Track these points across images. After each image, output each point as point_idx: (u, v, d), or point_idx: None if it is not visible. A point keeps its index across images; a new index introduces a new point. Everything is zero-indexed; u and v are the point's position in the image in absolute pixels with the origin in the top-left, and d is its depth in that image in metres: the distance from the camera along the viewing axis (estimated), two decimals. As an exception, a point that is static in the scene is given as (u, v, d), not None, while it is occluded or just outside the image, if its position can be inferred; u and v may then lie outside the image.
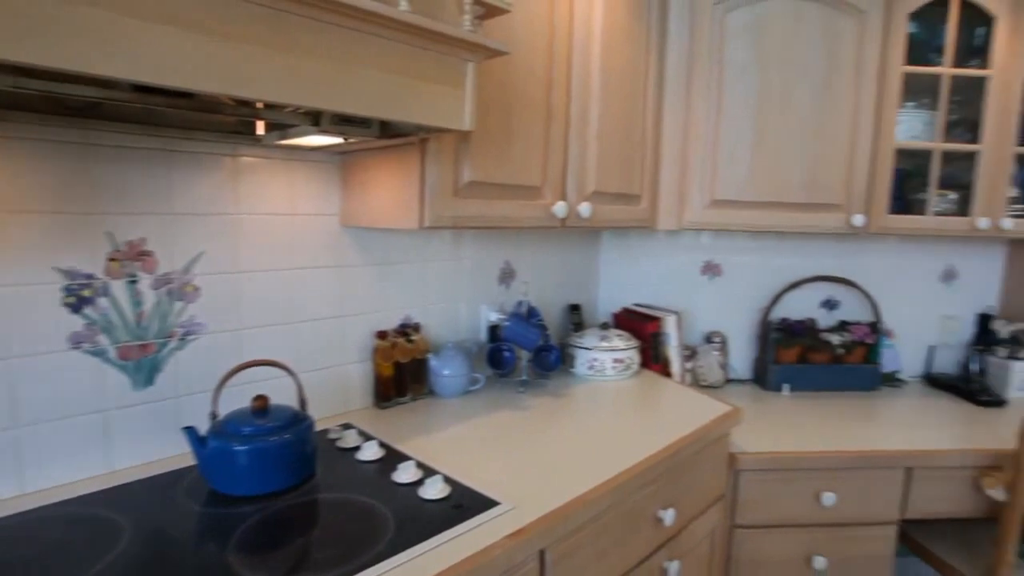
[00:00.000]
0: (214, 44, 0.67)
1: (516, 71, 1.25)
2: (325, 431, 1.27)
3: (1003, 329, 2.05)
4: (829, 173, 1.72)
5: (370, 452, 1.13)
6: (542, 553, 0.96)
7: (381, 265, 1.47)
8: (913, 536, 1.69)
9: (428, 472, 1.07)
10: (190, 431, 0.99)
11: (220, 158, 1.16)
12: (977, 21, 1.72)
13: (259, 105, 0.97)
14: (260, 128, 1.14)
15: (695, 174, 1.70)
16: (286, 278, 1.29)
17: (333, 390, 1.40)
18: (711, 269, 2.10)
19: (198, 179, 1.14)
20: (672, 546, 1.32)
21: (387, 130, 1.07)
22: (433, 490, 0.99)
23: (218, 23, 0.67)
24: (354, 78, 0.79)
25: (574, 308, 2.03)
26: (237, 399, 1.20)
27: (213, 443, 0.97)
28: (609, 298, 2.14)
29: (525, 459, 1.18)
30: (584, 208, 1.45)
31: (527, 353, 1.68)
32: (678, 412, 1.49)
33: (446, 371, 1.54)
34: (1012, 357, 1.99)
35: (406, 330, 1.53)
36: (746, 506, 1.50)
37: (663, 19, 1.64)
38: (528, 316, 1.72)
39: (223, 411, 1.09)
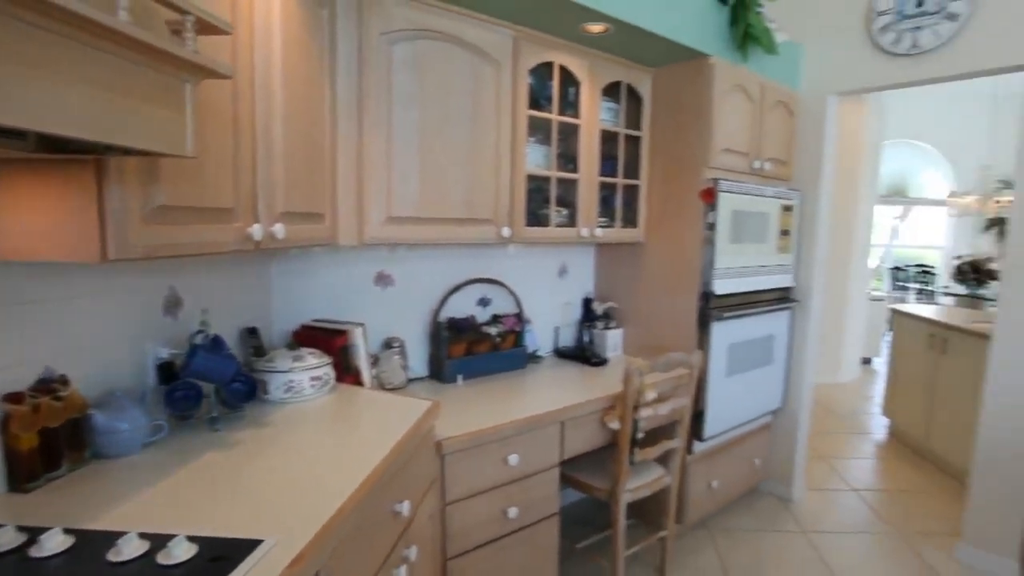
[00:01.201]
0: None
1: (204, 83, 1.14)
2: (-50, 542, 0.93)
3: (599, 308, 2.80)
4: (482, 194, 2.05)
5: (53, 543, 0.88)
6: (317, 575, 0.94)
7: (2, 307, 1.13)
8: (565, 472, 2.18)
9: (159, 538, 0.91)
10: None
11: None
12: (570, 82, 2.31)
13: None
14: None
15: (372, 193, 1.77)
16: None
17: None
18: (383, 279, 2.23)
19: None
20: (408, 535, 1.42)
21: (47, 143, 0.85)
22: (178, 552, 0.85)
23: None
24: (56, 91, 0.63)
25: (251, 332, 1.91)
26: None
27: None
28: (285, 317, 2.04)
29: (263, 492, 1.11)
30: (278, 229, 1.41)
31: (212, 388, 1.52)
32: (389, 415, 1.59)
33: (120, 424, 1.28)
34: (606, 328, 2.74)
35: (51, 386, 1.21)
36: (453, 484, 1.69)
37: (334, 42, 1.68)
38: (214, 346, 1.56)
39: None
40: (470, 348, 2.31)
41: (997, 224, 6.71)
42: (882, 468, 3.69)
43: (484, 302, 2.53)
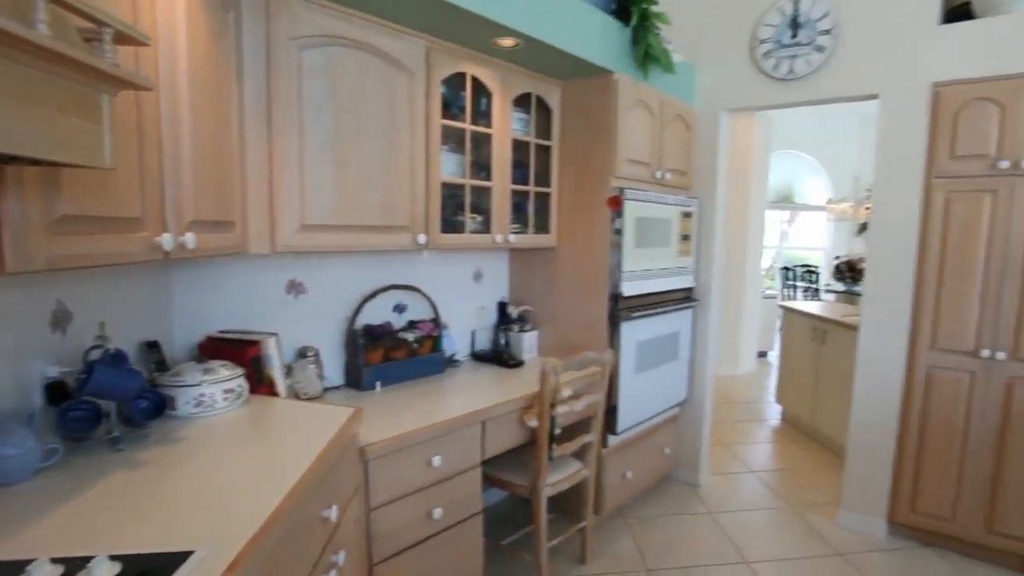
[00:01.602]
0: None
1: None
2: None
3: (514, 311, 2.88)
4: (398, 201, 2.06)
5: (-56, 576, 0.83)
6: (251, 581, 0.94)
7: None
8: (487, 472, 2.23)
9: (75, 561, 0.86)
10: None
11: None
12: (482, 92, 2.38)
13: None
14: None
15: (285, 201, 1.74)
16: None
17: None
18: (295, 287, 2.18)
19: None
20: (336, 540, 1.42)
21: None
22: (99, 572, 0.82)
23: None
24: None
25: (151, 346, 1.82)
26: None
27: None
28: (188, 329, 1.94)
29: (185, 505, 1.08)
30: (189, 239, 1.37)
31: (112, 407, 1.44)
32: (311, 423, 1.58)
33: (6, 450, 1.19)
34: (521, 330, 2.83)
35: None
36: (378, 489, 1.69)
37: (240, 46, 1.64)
38: (115, 361, 1.48)
39: None
40: (387, 355, 2.31)
41: (866, 228, 7.49)
42: (777, 450, 4.03)
43: (400, 308, 2.53)
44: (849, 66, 2.76)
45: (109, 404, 1.43)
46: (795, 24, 2.86)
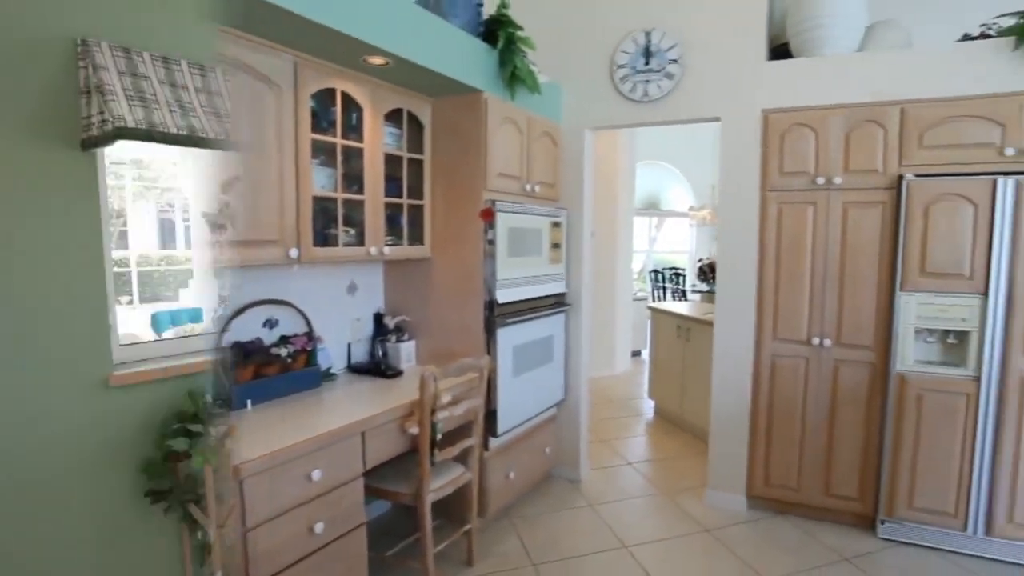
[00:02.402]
0: None
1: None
2: None
3: (390, 322, 2.90)
4: (267, 215, 2.03)
5: None
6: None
7: None
8: (370, 484, 2.23)
9: None
10: None
11: None
12: (353, 108, 2.39)
13: None
14: None
15: None
16: None
17: None
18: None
19: None
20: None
21: None
22: None
23: None
24: None
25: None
26: None
27: None
28: None
29: None
30: None
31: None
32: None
33: None
34: (399, 341, 2.85)
35: None
36: (254, 507, 1.65)
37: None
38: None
39: None
40: (258, 371, 2.23)
41: (723, 233, 8.28)
42: (650, 442, 4.35)
43: (271, 323, 2.45)
44: (694, 92, 3.11)
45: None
46: (648, 52, 3.16)
